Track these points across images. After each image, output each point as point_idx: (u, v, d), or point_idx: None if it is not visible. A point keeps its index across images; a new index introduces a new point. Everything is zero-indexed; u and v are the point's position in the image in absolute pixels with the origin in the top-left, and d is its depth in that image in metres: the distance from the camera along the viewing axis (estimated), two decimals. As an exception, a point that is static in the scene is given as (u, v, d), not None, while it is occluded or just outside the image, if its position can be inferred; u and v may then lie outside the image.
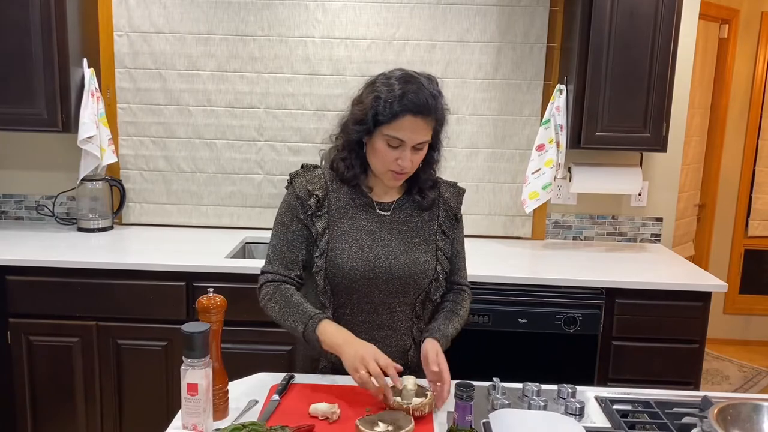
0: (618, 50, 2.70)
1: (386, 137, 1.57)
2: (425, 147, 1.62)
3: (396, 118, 1.55)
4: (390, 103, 1.55)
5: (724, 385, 4.12)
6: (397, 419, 1.41)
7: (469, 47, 3.05)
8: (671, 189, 3.18)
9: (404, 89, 1.55)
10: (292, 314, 1.61)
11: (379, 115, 1.56)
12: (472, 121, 3.10)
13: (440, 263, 1.70)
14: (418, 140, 1.58)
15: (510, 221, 3.20)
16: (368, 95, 1.60)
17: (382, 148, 1.59)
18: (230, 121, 3.13)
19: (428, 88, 1.58)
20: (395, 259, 1.65)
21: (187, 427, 1.37)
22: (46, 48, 2.75)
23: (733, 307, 4.72)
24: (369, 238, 1.66)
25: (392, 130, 1.56)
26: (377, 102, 1.56)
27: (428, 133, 1.60)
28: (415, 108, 1.54)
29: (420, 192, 1.71)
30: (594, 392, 1.62)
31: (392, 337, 1.70)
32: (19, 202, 3.24)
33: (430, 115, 1.57)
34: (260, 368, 1.75)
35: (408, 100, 1.54)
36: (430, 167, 1.71)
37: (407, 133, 1.56)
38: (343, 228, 1.66)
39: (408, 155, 1.58)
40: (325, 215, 1.66)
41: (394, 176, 1.62)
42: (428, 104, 1.56)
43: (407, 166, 1.59)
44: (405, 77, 1.59)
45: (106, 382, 2.66)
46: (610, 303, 2.57)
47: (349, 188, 1.69)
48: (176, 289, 2.59)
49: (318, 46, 3.05)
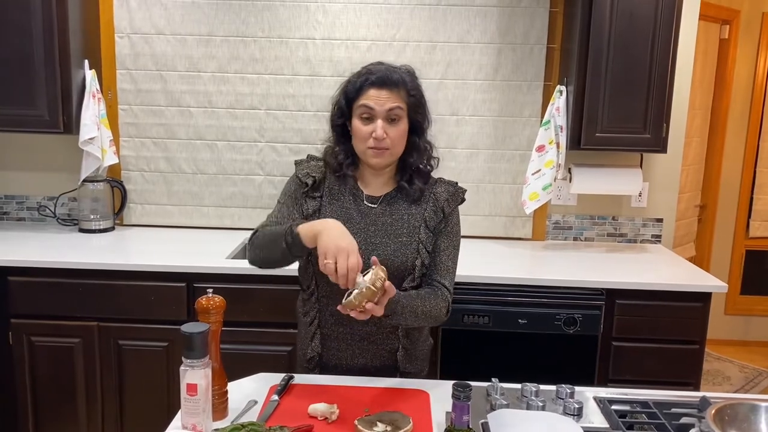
0: (618, 51, 2.70)
1: (358, 112, 1.65)
2: (401, 120, 1.65)
3: (361, 90, 1.64)
4: (355, 81, 1.66)
5: (725, 385, 4.12)
6: (395, 419, 1.41)
7: (470, 48, 3.05)
8: (672, 190, 3.18)
9: (368, 68, 1.68)
10: (273, 234, 1.62)
11: (348, 94, 1.67)
12: (472, 122, 3.11)
13: (420, 257, 1.69)
14: (387, 106, 1.62)
15: (510, 222, 3.20)
16: (341, 86, 1.72)
17: (357, 126, 1.65)
18: (231, 123, 3.14)
19: (397, 69, 1.68)
20: (374, 250, 1.66)
21: (186, 427, 1.38)
22: (48, 50, 2.76)
23: (734, 308, 4.72)
24: (352, 227, 1.66)
25: (360, 101, 1.64)
26: (346, 84, 1.69)
27: (397, 101, 1.64)
28: (378, 80, 1.63)
29: (409, 180, 1.72)
30: (592, 392, 1.63)
31: (377, 333, 1.71)
32: (21, 203, 3.25)
33: (396, 87, 1.64)
34: (259, 369, 1.76)
35: (372, 74, 1.65)
36: (417, 153, 1.71)
37: (373, 100, 1.62)
38: (331, 214, 1.70)
39: (380, 124, 1.62)
40: (318, 198, 1.72)
41: (373, 153, 1.65)
42: (392, 77, 1.64)
43: (380, 134, 1.62)
44: (374, 62, 1.71)
45: (107, 383, 2.67)
46: (610, 304, 2.57)
47: (341, 180, 1.73)
48: (177, 290, 2.60)
49: (318, 47, 3.06)
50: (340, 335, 1.71)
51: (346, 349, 1.73)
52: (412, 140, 1.70)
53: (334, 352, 1.74)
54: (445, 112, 3.09)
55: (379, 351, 1.72)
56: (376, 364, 1.72)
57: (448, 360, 2.58)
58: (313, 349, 1.73)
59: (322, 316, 1.72)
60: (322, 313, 1.72)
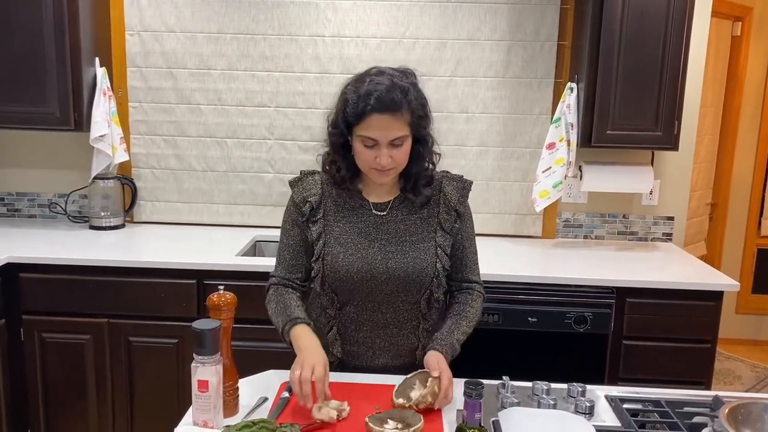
0: (629, 48, 2.69)
1: (360, 138, 1.57)
2: (405, 142, 1.58)
3: (363, 117, 1.54)
4: (356, 104, 1.54)
5: (736, 385, 4.09)
6: (406, 417, 1.41)
7: (480, 45, 3.04)
8: (683, 188, 3.16)
9: (369, 88, 1.54)
10: (280, 315, 1.66)
11: (348, 117, 1.57)
12: (482, 120, 3.10)
13: (440, 260, 1.67)
14: (391, 137, 1.55)
15: (520, 220, 3.19)
16: (339, 99, 1.62)
17: (359, 149, 1.59)
18: (241, 120, 3.14)
19: (397, 83, 1.56)
20: (392, 259, 1.65)
21: (197, 423, 1.38)
22: (59, 47, 2.77)
23: (746, 307, 4.69)
24: (365, 239, 1.66)
25: (362, 130, 1.56)
26: (345, 105, 1.57)
27: (401, 128, 1.56)
28: (380, 105, 1.52)
29: (414, 189, 1.67)
30: (604, 391, 1.62)
31: (398, 335, 1.71)
32: (32, 200, 3.27)
33: (399, 110, 1.54)
34: (270, 366, 1.76)
35: (373, 98, 1.53)
36: (420, 162, 1.66)
37: (376, 131, 1.54)
38: (339, 231, 1.67)
39: (385, 153, 1.56)
40: (320, 220, 1.68)
41: (378, 174, 1.61)
42: (394, 100, 1.53)
43: (386, 163, 1.56)
44: (374, 74, 1.58)
45: (118, 379, 2.68)
46: (620, 302, 2.56)
47: (344, 191, 1.69)
48: (187, 287, 2.61)
49: (328, 44, 3.06)
50: (360, 340, 1.70)
51: (366, 352, 1.71)
52: (415, 149, 1.63)
53: (354, 355, 1.72)
54: (454, 110, 3.08)
55: (399, 351, 1.71)
56: (396, 364, 1.72)
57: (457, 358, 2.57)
58: (334, 355, 1.70)
59: (341, 323, 1.70)
60: (343, 321, 1.70)
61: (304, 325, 1.61)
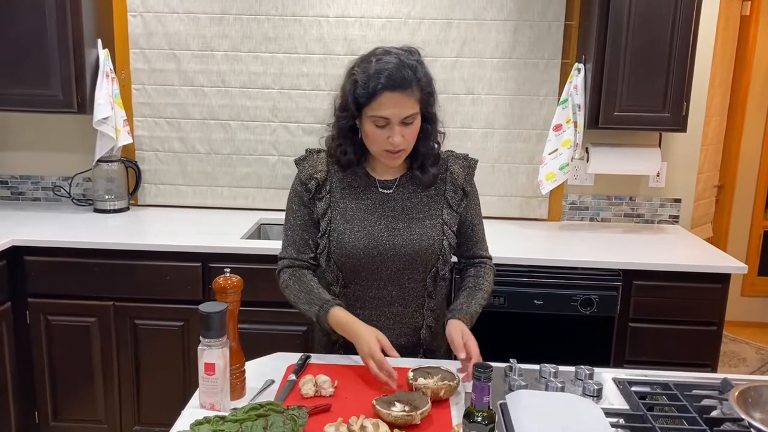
0: (637, 28, 2.65)
1: (371, 118, 1.56)
2: (415, 120, 1.59)
3: (374, 97, 1.53)
4: (365, 84, 1.54)
5: (741, 367, 4.09)
6: (413, 399, 1.41)
7: (486, 26, 3.00)
8: (690, 170, 3.14)
9: (378, 67, 1.54)
10: (306, 299, 1.65)
11: (359, 98, 1.56)
12: (488, 101, 3.07)
13: (446, 237, 1.68)
14: (403, 114, 1.55)
15: (526, 202, 3.17)
16: (347, 81, 1.61)
17: (370, 130, 1.58)
18: (244, 102, 3.12)
19: (405, 61, 1.55)
20: (399, 236, 1.65)
21: (204, 406, 1.38)
22: (61, 29, 2.75)
23: (752, 289, 4.68)
24: (371, 216, 1.65)
25: (374, 110, 1.55)
26: (355, 86, 1.56)
27: (413, 106, 1.56)
28: (390, 83, 1.52)
29: (421, 168, 1.67)
30: (612, 374, 1.61)
31: (403, 314, 1.71)
32: (36, 183, 3.26)
33: (409, 87, 1.54)
34: (276, 348, 1.76)
35: (383, 77, 1.52)
36: (427, 140, 1.66)
37: (389, 109, 1.53)
38: (345, 208, 1.66)
39: (397, 131, 1.55)
40: (326, 197, 1.67)
41: (390, 156, 1.60)
42: (404, 77, 1.53)
43: (399, 142, 1.56)
44: (380, 54, 1.58)
45: (124, 362, 2.69)
46: (627, 285, 2.55)
47: (351, 170, 1.68)
48: (192, 270, 2.61)
49: (332, 25, 3.02)
50: (365, 318, 1.68)
51: None
52: (423, 127, 1.63)
53: None
54: (460, 91, 3.05)
55: (403, 330, 1.71)
56: (401, 343, 1.71)
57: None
58: (338, 334, 1.69)
59: (346, 301, 1.69)
60: (348, 299, 1.69)
61: (338, 306, 1.61)
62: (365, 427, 1.29)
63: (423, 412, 1.35)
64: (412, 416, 1.33)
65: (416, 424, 1.34)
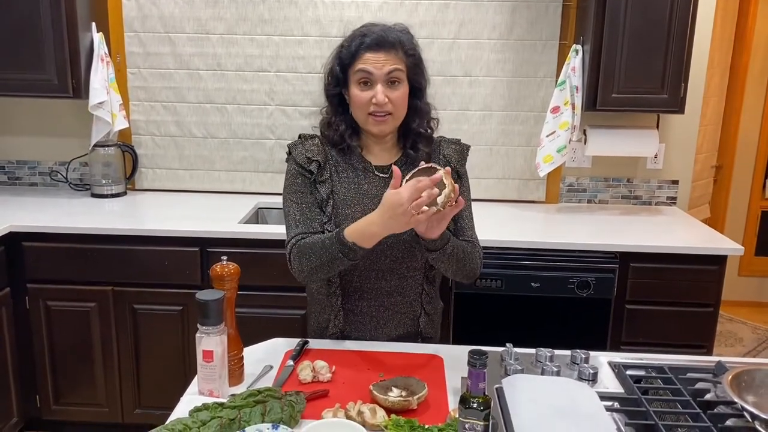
0: (636, 8, 2.63)
1: (355, 77, 1.58)
2: (401, 84, 1.59)
3: (357, 54, 1.57)
4: (349, 45, 1.59)
5: (737, 347, 4.12)
6: (410, 384, 1.42)
7: (483, 7, 2.98)
8: (688, 151, 3.13)
9: (362, 31, 1.60)
10: (322, 249, 1.54)
11: (344, 60, 1.60)
12: (485, 83, 3.05)
13: None
14: (386, 69, 1.56)
15: (524, 185, 3.17)
16: (334, 51, 1.66)
17: (355, 93, 1.59)
18: (241, 86, 3.10)
19: (391, 28, 1.61)
20: None
21: (203, 392, 1.39)
22: (55, 13, 2.73)
23: (749, 269, 4.69)
24: (371, 202, 1.64)
25: (357, 67, 1.57)
26: (340, 51, 1.62)
27: (396, 63, 1.57)
28: (374, 42, 1.57)
29: (414, 147, 1.66)
30: (607, 357, 1.62)
31: (401, 303, 1.70)
32: (33, 168, 3.25)
33: (393, 48, 1.57)
34: (274, 332, 1.77)
35: (367, 37, 1.57)
36: (416, 116, 1.65)
37: (371, 64, 1.56)
38: (346, 193, 1.65)
39: (380, 89, 1.56)
40: (327, 181, 1.65)
41: (375, 120, 1.59)
42: (388, 38, 1.57)
43: (382, 100, 1.56)
44: (367, 25, 1.63)
45: (124, 347, 2.71)
46: (624, 267, 2.56)
47: (346, 154, 1.67)
48: (191, 255, 2.61)
49: (328, 7, 3.00)
50: (363, 309, 1.69)
51: (369, 322, 1.71)
52: (413, 103, 1.64)
53: (357, 326, 1.71)
54: (457, 73, 3.04)
55: (402, 319, 1.71)
56: (399, 332, 1.72)
57: (460, 324, 2.59)
58: (336, 325, 1.69)
59: (345, 292, 1.69)
60: (346, 290, 1.68)
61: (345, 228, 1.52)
62: (362, 412, 1.30)
63: (420, 397, 1.36)
64: (409, 401, 1.35)
65: (413, 408, 1.35)
